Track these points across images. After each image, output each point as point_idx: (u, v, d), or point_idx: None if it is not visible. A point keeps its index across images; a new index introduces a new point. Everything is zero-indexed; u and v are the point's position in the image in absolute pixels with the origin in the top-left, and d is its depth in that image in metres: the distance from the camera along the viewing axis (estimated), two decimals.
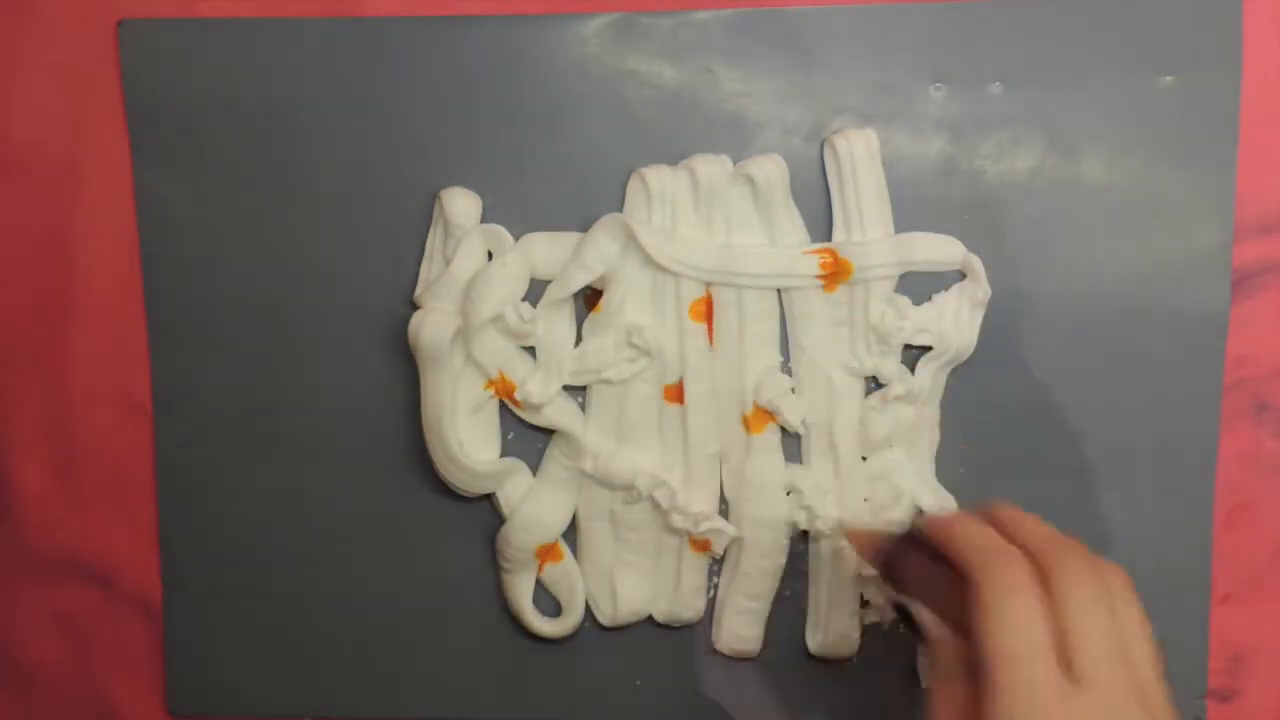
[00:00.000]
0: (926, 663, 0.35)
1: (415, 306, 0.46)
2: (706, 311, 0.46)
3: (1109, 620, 0.33)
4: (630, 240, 0.45)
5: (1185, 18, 0.45)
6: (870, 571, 0.45)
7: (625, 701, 0.49)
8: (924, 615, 0.36)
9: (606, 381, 0.46)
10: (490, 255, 0.46)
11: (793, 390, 0.46)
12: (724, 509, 0.47)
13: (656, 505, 0.46)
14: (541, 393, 0.46)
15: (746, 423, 0.46)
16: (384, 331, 0.47)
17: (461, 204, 0.46)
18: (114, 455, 0.49)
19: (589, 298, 0.47)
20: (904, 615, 0.37)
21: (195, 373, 0.48)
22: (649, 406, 0.46)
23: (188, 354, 0.48)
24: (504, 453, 0.48)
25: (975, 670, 0.33)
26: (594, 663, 0.48)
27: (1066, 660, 0.32)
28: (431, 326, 0.45)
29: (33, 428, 0.50)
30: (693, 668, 0.48)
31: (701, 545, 0.47)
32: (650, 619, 0.48)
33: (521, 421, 0.47)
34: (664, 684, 0.48)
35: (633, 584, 0.47)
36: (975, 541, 0.35)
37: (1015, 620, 0.33)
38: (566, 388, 0.47)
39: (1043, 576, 0.34)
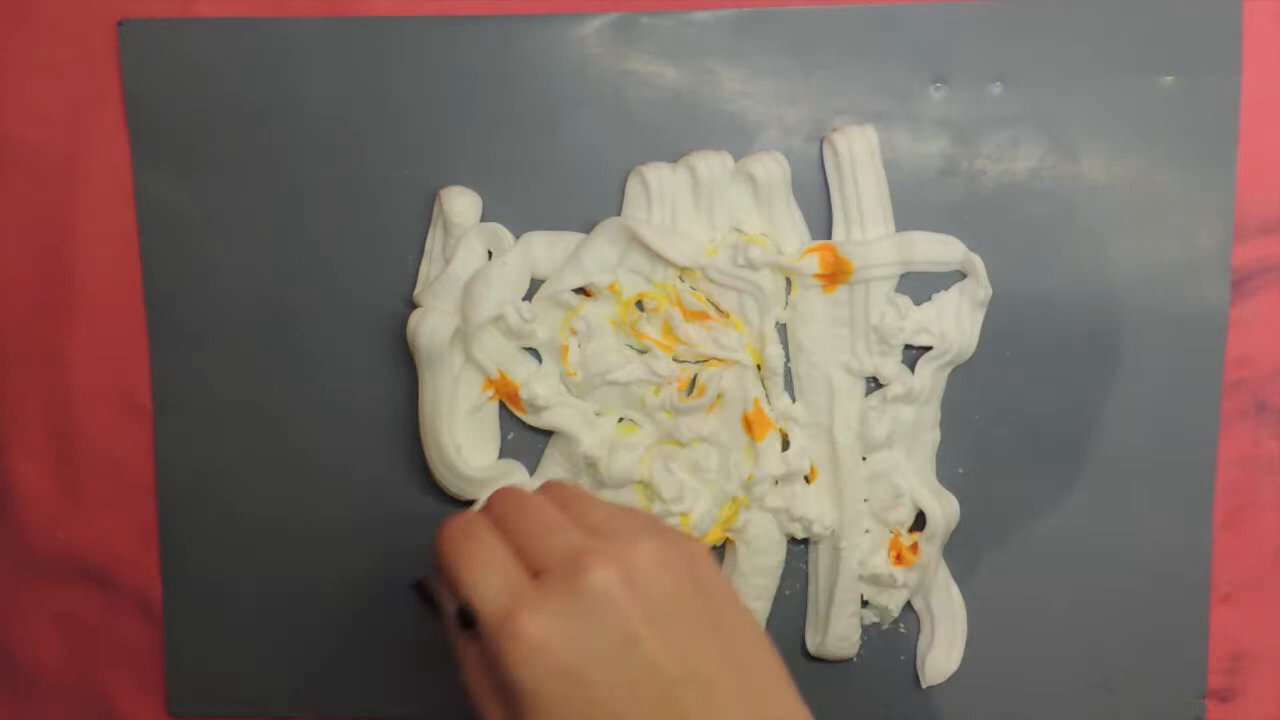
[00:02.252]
0: (447, 633, 0.36)
1: (415, 306, 0.46)
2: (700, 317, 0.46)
3: (535, 507, 0.35)
4: (630, 246, 0.45)
5: (1185, 18, 0.45)
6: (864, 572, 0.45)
7: None
8: (437, 587, 0.36)
9: (613, 383, 0.46)
10: (490, 254, 0.46)
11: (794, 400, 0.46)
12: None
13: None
14: (549, 396, 0.46)
15: (747, 421, 0.46)
16: (384, 331, 0.47)
17: (461, 202, 0.46)
18: (114, 455, 0.49)
19: None
20: (425, 597, 0.37)
21: (195, 373, 0.48)
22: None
23: (188, 354, 0.48)
24: (503, 453, 0.48)
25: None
26: None
27: (529, 565, 0.34)
28: (429, 326, 0.45)
29: (33, 428, 0.50)
30: None
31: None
32: None
33: (520, 421, 0.47)
34: None
35: None
36: (442, 527, 0.36)
37: (470, 553, 0.34)
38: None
39: (487, 510, 0.36)
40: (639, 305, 0.46)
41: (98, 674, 0.51)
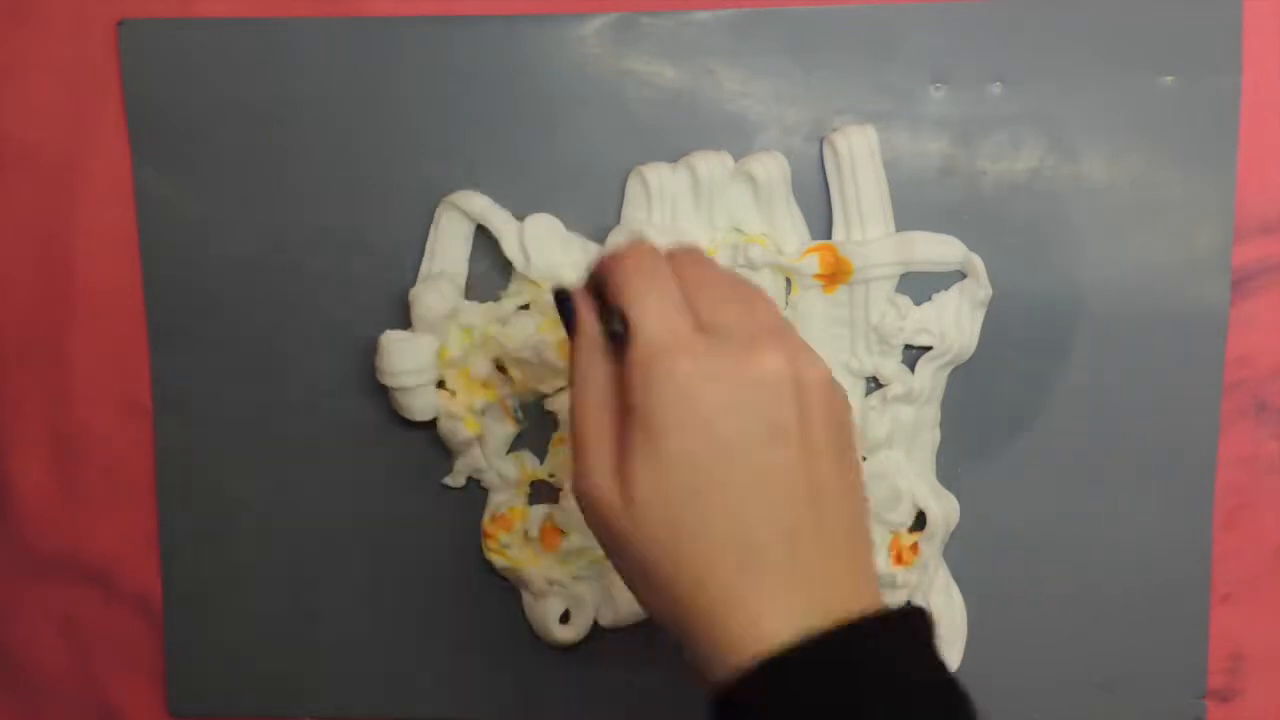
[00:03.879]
0: (575, 353, 0.36)
1: None
2: None
3: (725, 276, 0.35)
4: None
5: (1185, 18, 0.45)
6: None
7: (625, 702, 0.49)
8: (580, 301, 0.36)
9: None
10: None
11: None
12: None
13: None
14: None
15: None
16: (384, 331, 0.47)
17: (479, 204, 0.46)
18: (114, 455, 0.49)
19: None
20: (563, 309, 0.37)
21: (195, 373, 0.48)
22: None
23: (188, 354, 0.48)
24: (510, 447, 0.48)
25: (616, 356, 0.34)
26: (594, 663, 0.48)
27: (699, 320, 0.34)
28: (428, 299, 0.45)
29: (33, 428, 0.50)
30: None
31: None
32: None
33: (528, 412, 0.47)
34: (664, 685, 0.48)
35: None
36: (617, 246, 0.37)
37: (647, 282, 0.34)
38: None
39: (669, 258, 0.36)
40: None
41: (98, 674, 0.51)
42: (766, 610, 0.31)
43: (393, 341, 0.45)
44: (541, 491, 0.48)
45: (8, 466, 0.50)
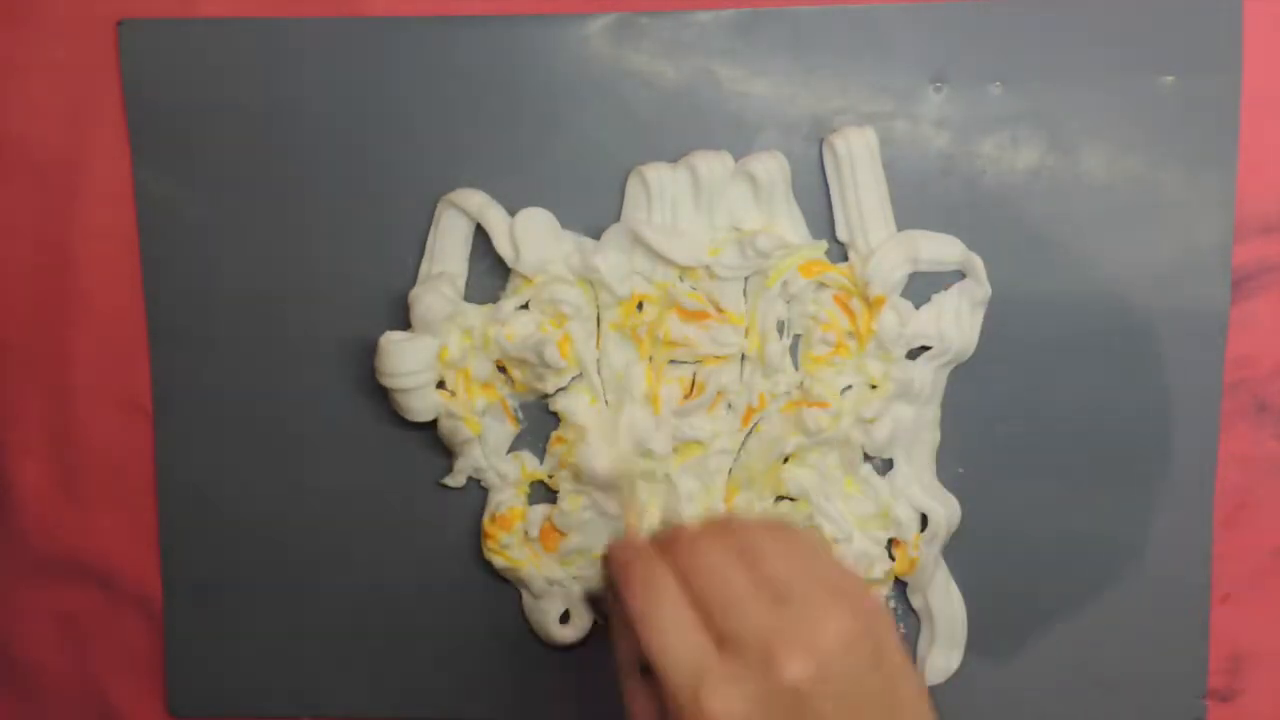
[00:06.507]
0: (617, 659, 0.37)
1: None
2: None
3: (721, 574, 0.34)
4: (635, 248, 0.45)
5: (1185, 18, 0.45)
6: None
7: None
8: (611, 607, 0.37)
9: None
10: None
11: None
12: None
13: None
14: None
15: (749, 414, 0.46)
16: (384, 331, 0.47)
17: (476, 200, 0.46)
18: (114, 455, 0.49)
19: None
20: (598, 611, 0.38)
21: (195, 373, 0.48)
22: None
23: (188, 354, 0.48)
24: (513, 445, 0.48)
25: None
26: (594, 663, 0.48)
27: (715, 629, 0.33)
28: (428, 300, 0.45)
29: (33, 428, 0.50)
30: None
31: None
32: None
33: (529, 410, 0.48)
34: None
35: None
36: (619, 555, 0.36)
37: (657, 613, 0.34)
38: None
39: (669, 558, 0.35)
40: (639, 307, 0.46)
41: (98, 674, 0.51)
42: None
43: (393, 342, 0.45)
44: (541, 491, 0.48)
45: (8, 466, 0.50)
